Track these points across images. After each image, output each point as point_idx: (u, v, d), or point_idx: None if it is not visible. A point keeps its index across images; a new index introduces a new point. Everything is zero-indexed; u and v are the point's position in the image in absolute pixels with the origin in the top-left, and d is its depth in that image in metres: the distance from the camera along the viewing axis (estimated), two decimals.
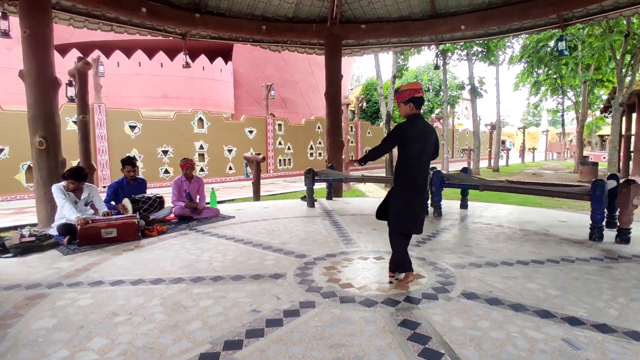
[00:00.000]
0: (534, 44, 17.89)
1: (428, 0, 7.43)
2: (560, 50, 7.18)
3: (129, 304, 2.62)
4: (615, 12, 6.54)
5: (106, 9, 6.35)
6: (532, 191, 4.92)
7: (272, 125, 16.50)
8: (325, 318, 2.39)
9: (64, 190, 4.39)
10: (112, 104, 14.02)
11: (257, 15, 7.76)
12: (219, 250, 3.99)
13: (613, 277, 3.08)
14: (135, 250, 4.03)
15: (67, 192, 4.42)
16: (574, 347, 2.03)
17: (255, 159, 8.78)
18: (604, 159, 19.63)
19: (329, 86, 8.13)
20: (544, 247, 4.00)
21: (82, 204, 4.56)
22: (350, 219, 5.60)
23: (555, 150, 40.35)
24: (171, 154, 13.43)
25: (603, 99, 21.58)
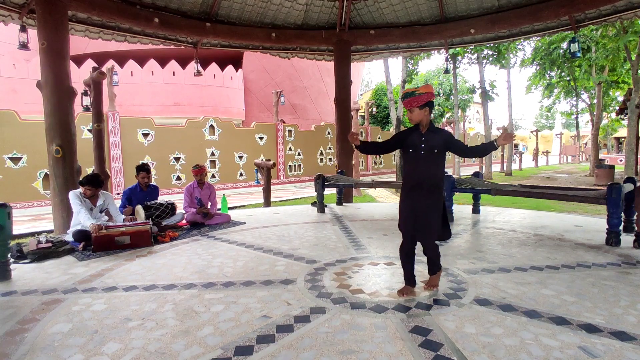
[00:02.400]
0: (545, 46, 17.71)
1: (437, 5, 7.43)
2: (573, 52, 7.09)
3: (141, 310, 2.66)
4: (630, 12, 6.44)
5: (120, 20, 6.50)
6: (546, 195, 4.84)
7: (282, 131, 16.58)
8: (335, 324, 2.39)
9: (80, 197, 4.48)
10: (125, 112, 14.27)
11: (266, 23, 7.85)
12: (230, 256, 4.01)
13: (631, 283, 3.00)
14: (148, 256, 4.08)
15: (84, 199, 4.51)
16: (591, 355, 1.99)
17: (266, 165, 8.83)
18: (621, 162, 19.22)
19: (339, 92, 8.16)
20: (559, 252, 3.92)
21: (97, 211, 4.65)
22: (361, 224, 5.58)
23: (570, 153, 39.64)
24: (183, 160, 13.59)
25: (619, 101, 21.16)
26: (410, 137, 2.76)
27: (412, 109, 2.70)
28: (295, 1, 7.54)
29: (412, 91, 2.69)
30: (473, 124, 45.80)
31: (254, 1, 7.37)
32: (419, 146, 2.71)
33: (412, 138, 2.75)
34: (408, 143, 2.75)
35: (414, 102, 2.68)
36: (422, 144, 2.71)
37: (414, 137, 2.75)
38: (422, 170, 2.72)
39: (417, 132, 2.76)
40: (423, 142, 2.71)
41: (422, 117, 2.73)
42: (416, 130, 2.77)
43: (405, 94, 2.71)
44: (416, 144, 2.72)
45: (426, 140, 2.71)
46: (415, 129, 2.78)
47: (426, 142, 2.70)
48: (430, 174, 2.72)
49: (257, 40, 7.98)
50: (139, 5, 6.45)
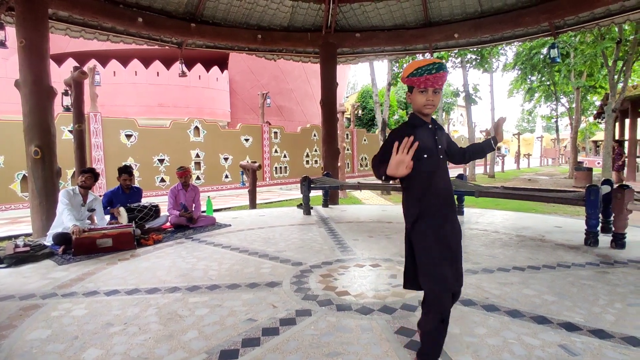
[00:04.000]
0: (527, 52, 18.10)
1: (421, 10, 7.52)
2: (552, 58, 7.27)
3: (124, 314, 2.60)
4: (607, 19, 6.65)
5: (103, 19, 6.39)
6: (528, 197, 4.94)
7: (268, 133, 16.52)
8: (321, 326, 2.38)
9: (71, 194, 4.41)
10: (108, 113, 14.00)
11: (252, 25, 7.82)
12: (215, 258, 3.97)
13: (609, 283, 3.09)
14: (130, 259, 4.01)
15: (75, 194, 4.46)
16: (571, 353, 2.03)
17: (251, 167, 8.78)
18: (598, 165, 19.79)
19: (325, 94, 8.18)
20: (540, 252, 4.01)
21: (86, 209, 4.58)
22: (347, 226, 5.60)
23: (550, 156, 40.62)
24: (167, 162, 13.40)
25: (596, 105, 21.82)
26: (419, 135, 1.81)
27: (438, 91, 1.84)
28: (282, 3, 7.54)
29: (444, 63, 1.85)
30: (457, 127, 46.50)
31: (240, 2, 7.34)
32: (434, 149, 1.86)
33: (422, 137, 1.82)
34: (420, 146, 1.77)
35: (445, 78, 1.82)
36: (439, 145, 1.89)
37: (425, 137, 1.85)
38: (444, 183, 1.89)
39: (425, 128, 1.88)
40: (437, 141, 1.89)
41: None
42: (424, 126, 1.88)
43: (438, 64, 1.78)
44: (430, 145, 1.86)
45: (439, 139, 1.91)
46: (422, 123, 1.89)
47: (440, 142, 1.91)
48: (450, 187, 1.94)
49: (242, 41, 7.94)
50: (122, 5, 6.35)
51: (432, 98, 1.82)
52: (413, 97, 1.88)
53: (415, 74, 1.79)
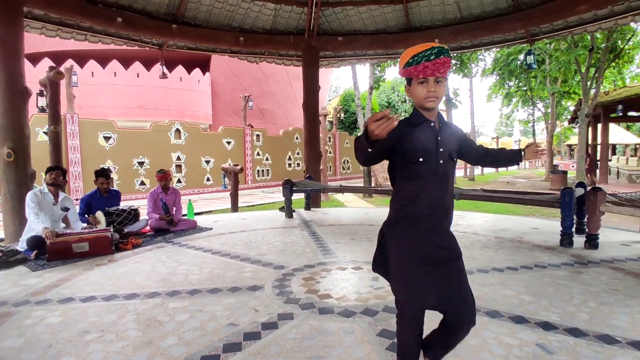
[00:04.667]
0: (504, 57, 18.57)
1: (403, 15, 7.63)
2: (529, 64, 7.49)
3: (100, 321, 2.53)
4: (579, 27, 6.89)
5: (80, 19, 6.24)
6: (506, 199, 5.06)
7: (250, 136, 16.43)
8: (303, 330, 2.37)
9: (39, 196, 4.26)
10: (85, 115, 13.67)
11: (234, 27, 7.78)
12: (195, 262, 3.91)
13: (583, 282, 3.18)
14: (108, 264, 3.91)
15: (45, 194, 4.31)
16: (548, 352, 2.08)
17: (233, 169, 8.71)
18: (573, 168, 20.43)
19: (307, 97, 8.18)
20: (518, 254, 4.10)
21: (59, 207, 4.43)
22: (329, 229, 5.60)
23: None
24: (147, 165, 13.16)
25: (570, 110, 22.54)
26: (417, 135, 1.57)
27: (441, 80, 1.54)
28: (264, 6, 7.52)
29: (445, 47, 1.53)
30: None
31: (222, 4, 7.28)
32: (433, 151, 1.58)
33: (420, 137, 1.57)
34: (416, 146, 1.55)
35: (448, 64, 1.53)
36: (440, 148, 1.59)
37: (423, 136, 1.58)
38: (442, 190, 1.62)
39: (426, 126, 1.59)
40: (438, 143, 1.59)
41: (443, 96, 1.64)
42: (424, 124, 1.59)
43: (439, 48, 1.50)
44: (429, 147, 1.57)
45: (442, 140, 1.60)
46: (422, 121, 1.59)
47: (443, 144, 1.60)
48: (450, 199, 1.66)
49: (225, 43, 7.88)
50: (101, 4, 6.22)
51: (433, 89, 1.52)
52: (412, 90, 1.58)
53: (412, 63, 1.51)
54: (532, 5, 6.59)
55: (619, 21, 6.52)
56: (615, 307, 2.66)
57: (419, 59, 1.50)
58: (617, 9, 6.31)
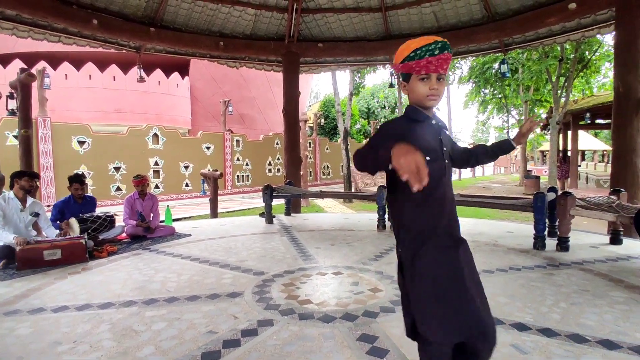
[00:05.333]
0: (480, 66, 19.11)
1: (382, 22, 7.77)
2: (502, 73, 7.75)
3: (73, 332, 2.45)
4: (549, 39, 7.20)
5: (54, 20, 6.08)
6: (482, 204, 5.19)
7: (230, 141, 16.29)
8: (283, 336, 2.36)
9: (1, 204, 4.07)
10: (58, 118, 13.27)
11: (214, 31, 7.73)
12: (173, 270, 3.84)
13: (555, 284, 3.29)
14: (82, 273, 3.79)
15: (11, 200, 4.13)
16: (522, 352, 2.14)
17: (213, 175, 8.61)
18: (545, 173, 21.12)
19: (287, 103, 8.20)
20: (494, 257, 4.20)
21: (27, 214, 4.26)
22: (309, 234, 5.60)
23: (503, 164, 42.88)
24: (124, 170, 12.86)
25: (542, 118, 23.32)
26: (421, 132, 1.44)
27: (442, 77, 1.43)
28: (244, 11, 7.52)
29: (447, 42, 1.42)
30: None
31: (202, 8, 7.24)
32: (439, 150, 1.46)
33: (424, 134, 1.44)
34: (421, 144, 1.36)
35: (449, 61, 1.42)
36: (444, 147, 1.49)
37: (429, 135, 1.45)
38: (451, 194, 1.51)
39: (429, 124, 1.47)
40: (441, 142, 1.48)
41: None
42: (427, 121, 1.47)
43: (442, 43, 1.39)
44: (435, 146, 1.45)
45: (443, 139, 1.50)
46: (424, 118, 1.47)
47: (445, 143, 1.51)
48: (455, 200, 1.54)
49: (204, 48, 7.82)
50: (75, 5, 6.08)
51: (436, 86, 1.40)
52: (411, 86, 1.44)
53: (414, 57, 1.38)
54: (505, 16, 6.83)
55: (586, 33, 6.84)
56: (584, 307, 2.76)
57: (422, 53, 1.37)
58: (584, 22, 6.62)
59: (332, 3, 7.56)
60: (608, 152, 27.04)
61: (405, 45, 1.42)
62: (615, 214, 4.18)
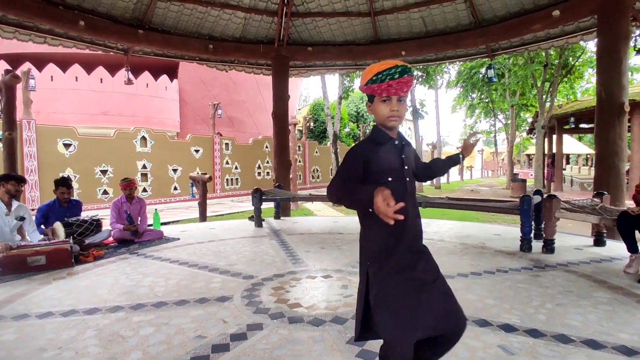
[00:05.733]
0: (467, 71, 19.40)
1: (371, 27, 7.83)
2: (489, 77, 7.86)
3: (58, 338, 2.41)
4: (534, 45, 7.34)
5: (40, 21, 5.99)
6: (470, 207, 5.26)
7: (219, 144, 16.20)
8: (273, 340, 2.36)
9: None
10: (44, 121, 13.06)
11: (204, 34, 7.70)
12: (161, 274, 3.79)
13: (541, 285, 3.34)
14: (67, 278, 3.72)
15: None
16: (509, 353, 2.17)
17: (202, 178, 8.55)
18: (532, 176, 21.46)
19: (277, 106, 8.20)
20: (481, 259, 4.26)
21: (13, 217, 4.16)
22: (299, 238, 5.60)
23: (490, 168, 43.50)
24: (111, 173, 12.68)
25: (528, 122, 23.75)
26: (383, 154, 1.54)
27: (403, 98, 1.54)
28: (234, 14, 7.51)
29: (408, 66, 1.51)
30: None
31: (191, 11, 7.21)
32: (400, 170, 1.56)
33: (387, 156, 1.55)
34: (384, 166, 1.52)
35: (410, 83, 1.52)
36: (406, 165, 1.58)
37: (390, 156, 1.56)
38: (413, 210, 1.58)
39: (391, 145, 1.58)
40: (404, 161, 1.58)
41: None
42: (389, 143, 1.57)
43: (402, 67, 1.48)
44: (396, 166, 1.56)
45: (406, 157, 1.59)
46: (386, 140, 1.57)
47: (407, 162, 1.60)
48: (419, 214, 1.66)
49: (193, 51, 7.78)
50: (62, 6, 6.00)
51: (397, 108, 1.51)
52: (374, 107, 1.55)
53: (376, 80, 1.49)
54: (492, 22, 6.95)
55: (569, 40, 7.00)
56: (569, 307, 2.81)
57: (383, 77, 1.48)
58: (567, 29, 6.78)
59: (321, 7, 7.60)
60: (591, 156, 27.64)
61: (369, 69, 1.52)
62: (598, 216, 4.27)
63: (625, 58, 5.39)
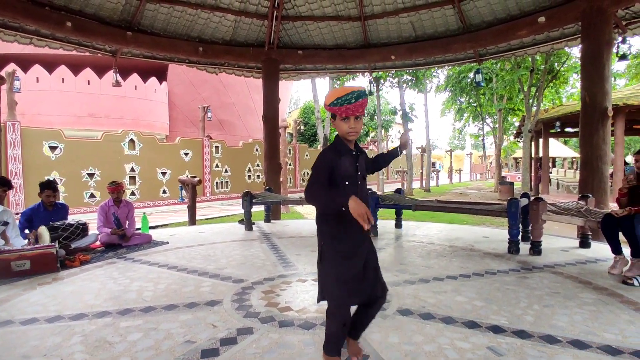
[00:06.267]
0: (456, 75, 19.64)
1: (361, 31, 7.89)
2: (477, 82, 7.98)
3: (43, 345, 2.36)
4: (521, 50, 7.48)
5: (25, 21, 5.90)
6: (459, 210, 5.31)
7: (208, 147, 16.10)
8: (263, 344, 2.34)
9: None
10: (29, 123, 12.83)
11: (193, 37, 7.67)
12: (150, 278, 3.75)
13: (528, 286, 3.39)
14: (52, 283, 3.65)
15: None
16: (497, 354, 2.19)
17: (191, 181, 8.48)
18: (519, 179, 21.76)
19: (267, 109, 8.19)
20: (470, 261, 4.30)
21: None
22: (289, 241, 5.59)
23: (478, 171, 43.99)
24: (98, 176, 12.50)
25: (515, 126, 24.10)
26: (342, 163, 1.91)
27: (359, 117, 1.90)
28: (224, 16, 7.49)
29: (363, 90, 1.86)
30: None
31: (180, 13, 7.17)
32: (355, 175, 1.95)
33: (345, 165, 1.91)
34: (342, 172, 1.90)
35: (365, 104, 1.87)
36: (359, 171, 1.98)
37: (348, 164, 1.93)
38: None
39: (349, 156, 1.94)
40: (358, 167, 1.98)
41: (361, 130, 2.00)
42: (348, 154, 1.94)
43: (358, 92, 1.82)
44: (352, 173, 1.95)
45: (360, 165, 1.99)
46: (346, 151, 1.94)
47: (360, 169, 1.99)
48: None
49: (183, 53, 7.73)
50: (48, 7, 5.91)
51: (354, 125, 1.88)
52: (336, 124, 1.92)
53: (336, 104, 1.82)
54: (479, 28, 7.06)
55: (555, 46, 7.14)
56: (556, 308, 2.86)
57: (342, 101, 1.81)
58: (552, 35, 6.92)
59: (312, 11, 7.63)
60: (577, 159, 28.18)
61: (332, 93, 1.85)
62: (583, 218, 4.36)
63: (609, 64, 5.52)
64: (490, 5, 6.70)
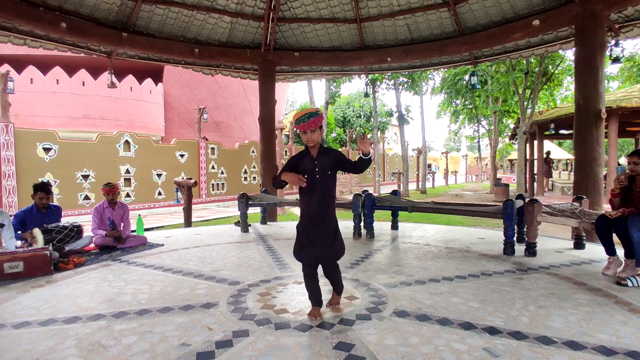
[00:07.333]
0: (452, 77, 19.70)
1: (357, 33, 7.91)
2: (472, 84, 8.02)
3: (36, 348, 2.33)
4: (515, 53, 7.54)
5: (19, 22, 5.86)
6: (455, 211, 5.32)
7: (204, 149, 16.04)
8: (259, 346, 2.33)
9: None
10: (22, 124, 12.74)
11: (189, 38, 7.65)
12: (145, 281, 3.72)
13: (524, 288, 3.40)
14: (46, 286, 3.62)
15: None
16: (493, 355, 2.20)
17: (187, 183, 8.45)
18: (514, 181, 21.87)
19: (263, 111, 8.18)
20: (466, 263, 4.31)
21: None
22: (285, 243, 5.57)
23: (474, 173, 44.14)
24: (92, 178, 12.41)
25: (510, 128, 24.23)
26: (302, 162, 2.69)
27: (315, 130, 2.63)
28: (220, 18, 7.49)
29: (315, 111, 2.65)
30: (391, 145, 48.83)
31: (176, 15, 7.15)
32: (312, 172, 2.65)
33: (304, 163, 2.68)
34: (301, 169, 2.67)
35: (318, 122, 2.62)
36: (317, 168, 2.65)
37: (306, 162, 2.68)
38: (320, 194, 2.67)
39: (309, 157, 2.68)
40: (316, 165, 2.66)
41: (319, 139, 2.73)
42: (308, 156, 2.69)
43: (309, 113, 2.58)
44: (310, 169, 2.66)
45: (319, 163, 2.66)
46: (306, 153, 2.70)
47: (320, 166, 2.66)
48: (327, 197, 2.71)
49: (179, 54, 7.71)
50: (42, 7, 5.88)
51: (309, 137, 2.64)
52: (301, 135, 2.67)
53: (296, 122, 2.61)
54: (475, 31, 7.10)
55: (549, 48, 7.20)
56: (551, 309, 2.87)
57: (298, 121, 2.60)
58: (546, 38, 6.98)
59: (308, 13, 7.64)
60: (571, 161, 28.38)
61: (294, 115, 2.70)
62: (578, 219, 4.38)
63: (602, 67, 5.57)
64: (486, 8, 6.74)
